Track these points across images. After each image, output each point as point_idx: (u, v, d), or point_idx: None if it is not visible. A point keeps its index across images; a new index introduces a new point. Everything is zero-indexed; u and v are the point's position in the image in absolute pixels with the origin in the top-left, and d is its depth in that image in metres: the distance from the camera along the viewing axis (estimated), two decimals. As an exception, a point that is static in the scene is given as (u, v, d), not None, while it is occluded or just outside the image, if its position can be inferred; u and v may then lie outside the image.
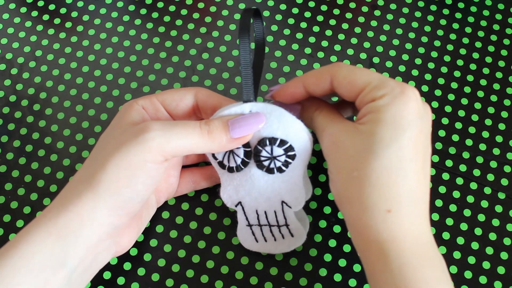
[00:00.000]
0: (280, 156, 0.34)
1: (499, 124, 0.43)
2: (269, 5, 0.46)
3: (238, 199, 0.36)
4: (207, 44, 0.45)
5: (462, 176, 0.41)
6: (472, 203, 0.40)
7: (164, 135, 0.30)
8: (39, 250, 0.29)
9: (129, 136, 0.31)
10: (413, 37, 0.46)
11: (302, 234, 0.37)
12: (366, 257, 0.31)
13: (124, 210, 0.31)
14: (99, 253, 0.32)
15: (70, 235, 0.30)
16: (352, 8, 0.47)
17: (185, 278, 0.38)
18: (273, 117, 0.33)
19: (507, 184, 0.41)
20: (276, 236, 0.37)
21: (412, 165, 0.30)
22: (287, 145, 0.33)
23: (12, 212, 0.40)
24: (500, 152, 0.42)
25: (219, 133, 0.32)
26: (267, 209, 0.36)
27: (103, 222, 0.30)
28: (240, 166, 0.34)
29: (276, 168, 0.34)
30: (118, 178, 0.30)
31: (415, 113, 0.30)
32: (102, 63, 0.44)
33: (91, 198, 0.30)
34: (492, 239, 0.39)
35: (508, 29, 0.46)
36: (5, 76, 0.44)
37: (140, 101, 0.35)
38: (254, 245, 0.37)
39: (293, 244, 0.37)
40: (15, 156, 0.41)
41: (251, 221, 0.37)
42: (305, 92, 0.34)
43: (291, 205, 0.35)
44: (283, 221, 0.36)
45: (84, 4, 0.46)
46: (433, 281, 0.29)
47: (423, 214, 0.31)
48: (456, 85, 0.44)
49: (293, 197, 0.35)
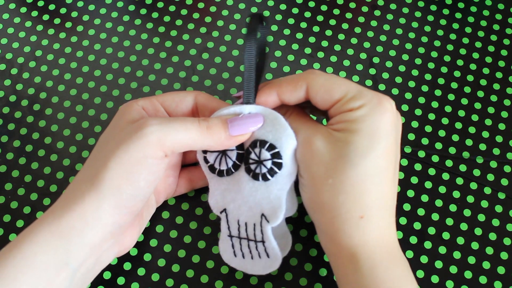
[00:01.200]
0: (267, 161, 0.33)
1: (499, 124, 0.43)
2: (269, 5, 0.46)
3: (224, 205, 0.35)
4: (207, 44, 0.45)
5: (462, 176, 0.41)
6: (472, 203, 0.40)
7: (162, 129, 0.30)
8: (42, 250, 0.29)
9: (128, 133, 0.31)
10: (413, 37, 0.46)
11: (277, 256, 0.35)
12: (336, 260, 0.32)
13: (128, 209, 0.31)
14: (102, 253, 0.32)
15: (73, 235, 0.30)
16: (352, 8, 0.47)
17: (185, 278, 0.38)
18: (269, 121, 0.33)
19: (507, 184, 0.41)
20: (253, 254, 0.35)
21: (385, 173, 0.31)
22: (275, 151, 0.33)
23: (12, 212, 0.40)
24: (500, 152, 0.42)
25: (218, 129, 0.32)
26: (248, 220, 0.34)
27: (107, 221, 0.30)
28: (230, 169, 0.34)
29: (261, 174, 0.33)
30: (120, 175, 0.30)
31: (391, 124, 0.31)
32: (102, 63, 0.44)
33: (94, 198, 0.30)
34: (492, 239, 0.39)
35: (508, 29, 0.46)
36: (5, 76, 0.44)
37: (140, 101, 0.35)
38: (233, 260, 0.36)
39: (268, 267, 0.35)
40: (15, 156, 0.41)
41: (232, 232, 0.35)
42: (278, 101, 0.33)
43: (269, 219, 0.34)
44: (260, 237, 0.34)
45: (84, 4, 0.46)
46: (402, 279, 0.31)
47: (392, 217, 0.32)
48: (456, 85, 0.44)
49: (273, 210, 0.33)
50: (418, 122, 0.43)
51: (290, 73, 0.44)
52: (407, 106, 0.43)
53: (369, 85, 0.44)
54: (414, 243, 0.39)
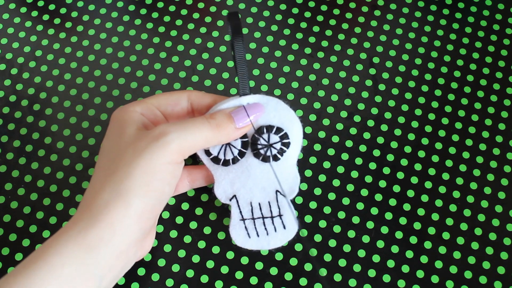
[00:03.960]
0: (276, 144, 0.36)
1: (499, 124, 0.43)
2: (269, 5, 0.46)
3: (233, 192, 0.37)
4: (207, 44, 0.45)
5: (462, 176, 0.41)
6: (472, 203, 0.40)
7: (181, 136, 0.32)
8: (70, 262, 0.29)
9: (149, 141, 0.31)
10: (413, 37, 0.45)
11: (294, 225, 0.37)
12: None
13: (153, 213, 0.32)
14: (127, 260, 0.32)
15: (101, 246, 0.30)
16: (352, 8, 0.47)
17: (185, 278, 0.38)
18: (270, 107, 0.36)
19: (507, 184, 0.41)
20: (268, 230, 0.37)
21: None
22: (282, 133, 0.36)
23: (12, 212, 0.40)
24: (500, 152, 0.42)
25: (226, 125, 0.34)
26: (262, 200, 0.37)
27: (134, 229, 0.31)
28: (237, 157, 0.36)
29: (272, 156, 0.36)
30: (146, 183, 0.31)
31: None
32: (102, 63, 0.44)
33: (122, 207, 0.30)
34: (492, 239, 0.39)
35: (508, 29, 0.46)
36: (5, 76, 0.44)
37: (137, 107, 0.35)
38: (247, 241, 0.37)
39: (285, 238, 0.37)
40: (15, 156, 0.41)
41: (244, 215, 0.37)
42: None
43: (285, 193, 0.36)
44: (276, 212, 0.37)
45: (84, 4, 0.46)
46: None
47: None
48: (456, 85, 0.44)
49: (287, 185, 0.36)
50: (418, 122, 0.43)
51: (290, 73, 0.44)
52: (407, 106, 0.43)
53: (369, 85, 0.44)
54: (414, 243, 0.39)
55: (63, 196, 0.40)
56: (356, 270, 0.38)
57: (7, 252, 0.39)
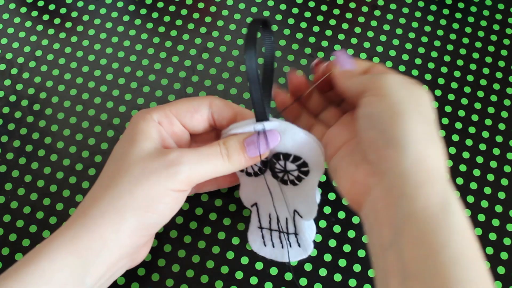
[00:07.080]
0: (293, 171, 0.34)
1: (499, 124, 0.43)
2: (269, 5, 0.46)
3: (255, 199, 0.37)
4: (207, 44, 0.45)
5: (462, 176, 0.41)
6: (472, 202, 0.40)
7: (193, 167, 0.32)
8: (60, 268, 0.29)
9: (160, 165, 0.31)
10: (413, 37, 0.45)
11: (309, 246, 0.37)
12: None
13: (148, 231, 0.32)
14: (117, 269, 0.33)
15: (91, 255, 0.30)
16: (352, 8, 0.47)
17: (185, 278, 0.38)
18: (287, 136, 0.33)
19: (507, 184, 0.41)
20: (283, 244, 0.37)
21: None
22: (300, 161, 0.33)
23: (12, 212, 0.40)
24: (500, 152, 0.42)
25: (237, 155, 0.33)
26: (280, 215, 0.36)
27: (126, 243, 0.31)
28: (257, 172, 0.35)
29: (290, 181, 0.35)
30: (146, 205, 0.31)
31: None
32: (102, 63, 0.44)
33: (115, 221, 0.30)
34: (492, 239, 0.39)
35: (508, 29, 0.46)
36: (5, 76, 0.44)
37: (155, 114, 0.34)
38: (262, 249, 0.38)
39: (299, 255, 0.37)
40: (15, 156, 0.41)
41: (263, 224, 0.37)
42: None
43: (302, 215, 0.36)
44: (292, 230, 0.37)
45: (84, 4, 0.46)
46: None
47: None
48: (456, 85, 0.44)
49: (306, 208, 0.35)
50: (418, 122, 0.43)
51: (290, 73, 0.44)
52: (407, 106, 0.43)
53: (369, 85, 0.44)
54: (414, 243, 0.39)
55: (63, 196, 0.40)
56: (356, 270, 0.38)
57: (7, 252, 0.39)
